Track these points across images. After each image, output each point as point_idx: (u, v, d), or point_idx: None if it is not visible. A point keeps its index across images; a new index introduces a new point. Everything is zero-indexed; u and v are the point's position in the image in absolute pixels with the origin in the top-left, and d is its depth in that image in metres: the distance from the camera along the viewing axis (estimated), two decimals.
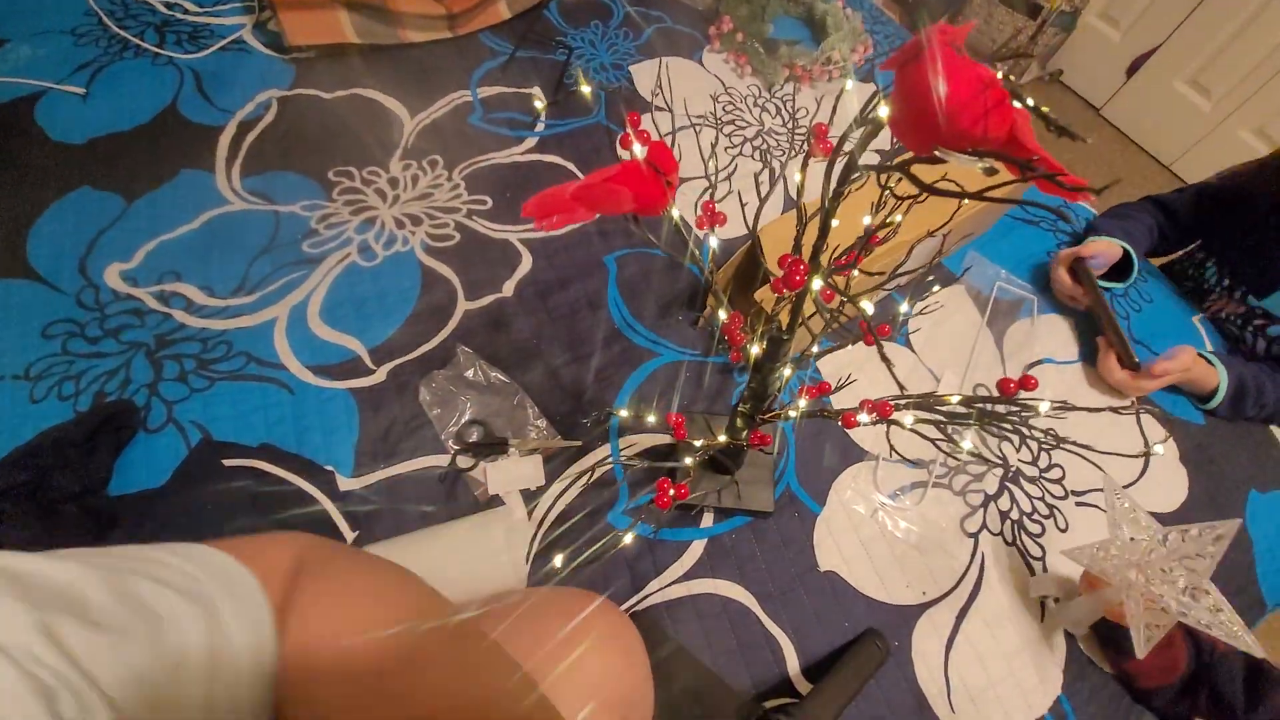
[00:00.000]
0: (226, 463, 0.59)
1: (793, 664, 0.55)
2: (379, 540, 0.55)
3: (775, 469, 0.65)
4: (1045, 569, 0.62)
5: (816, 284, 0.36)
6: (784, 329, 0.40)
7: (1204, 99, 1.80)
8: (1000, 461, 0.68)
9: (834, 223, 0.34)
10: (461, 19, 0.96)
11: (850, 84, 0.39)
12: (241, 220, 0.74)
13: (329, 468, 0.60)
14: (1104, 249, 0.79)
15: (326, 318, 0.68)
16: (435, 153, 0.83)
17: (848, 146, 0.31)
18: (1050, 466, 0.69)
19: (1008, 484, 0.67)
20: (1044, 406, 0.34)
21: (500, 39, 0.98)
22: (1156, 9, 1.82)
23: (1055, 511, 0.66)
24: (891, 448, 0.43)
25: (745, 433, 0.51)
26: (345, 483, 0.59)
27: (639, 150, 0.38)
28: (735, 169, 0.89)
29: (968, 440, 0.37)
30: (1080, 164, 0.91)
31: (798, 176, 0.38)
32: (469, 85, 0.92)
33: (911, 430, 0.38)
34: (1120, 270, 0.82)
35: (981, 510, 0.65)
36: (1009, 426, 0.37)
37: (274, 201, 0.76)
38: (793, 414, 0.46)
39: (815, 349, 0.49)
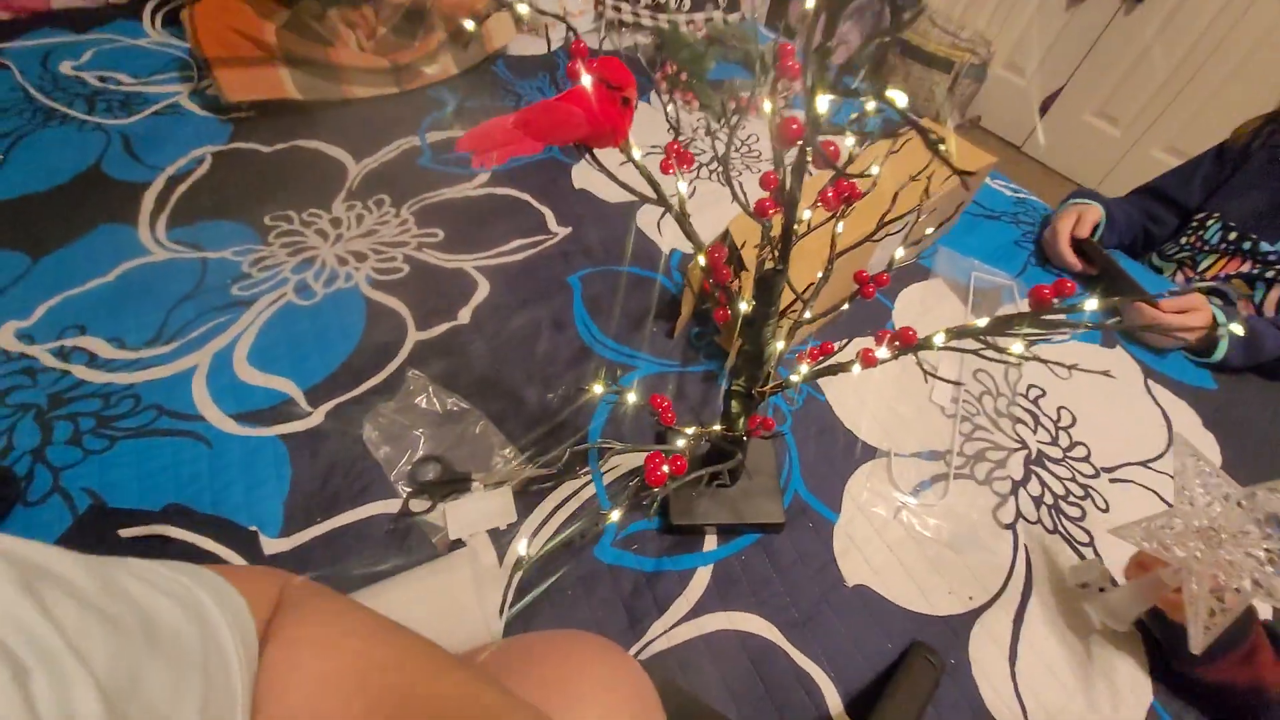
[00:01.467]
0: (124, 533, 0.48)
1: (834, 702, 0.45)
2: None
3: (780, 475, 0.56)
4: (1097, 555, 0.54)
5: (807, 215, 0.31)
6: (775, 263, 0.34)
7: (1113, 127, 1.93)
8: (1020, 444, 0.61)
9: (809, 170, 0.29)
10: (408, 74, 0.95)
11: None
12: (163, 269, 0.67)
13: (251, 528, 0.49)
14: (1092, 218, 0.80)
15: (256, 360, 0.60)
16: (382, 192, 0.79)
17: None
18: (1073, 445, 0.62)
19: (1033, 467, 0.60)
20: (1090, 304, 0.28)
21: (447, 93, 0.98)
22: (1055, 55, 1.99)
23: (1091, 491, 0.59)
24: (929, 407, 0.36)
25: (743, 419, 0.43)
26: (271, 544, 0.49)
27: (588, 80, 0.33)
28: (694, 191, 0.87)
29: (1018, 344, 0.30)
30: (1028, 189, 0.95)
31: (768, 105, 0.33)
32: (418, 132, 0.89)
33: (943, 350, 0.31)
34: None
35: (1012, 498, 0.57)
36: (1047, 332, 0.30)
37: (202, 249, 0.69)
38: (795, 379, 0.39)
39: (807, 317, 0.43)
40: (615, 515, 0.31)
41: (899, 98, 0.22)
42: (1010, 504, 0.57)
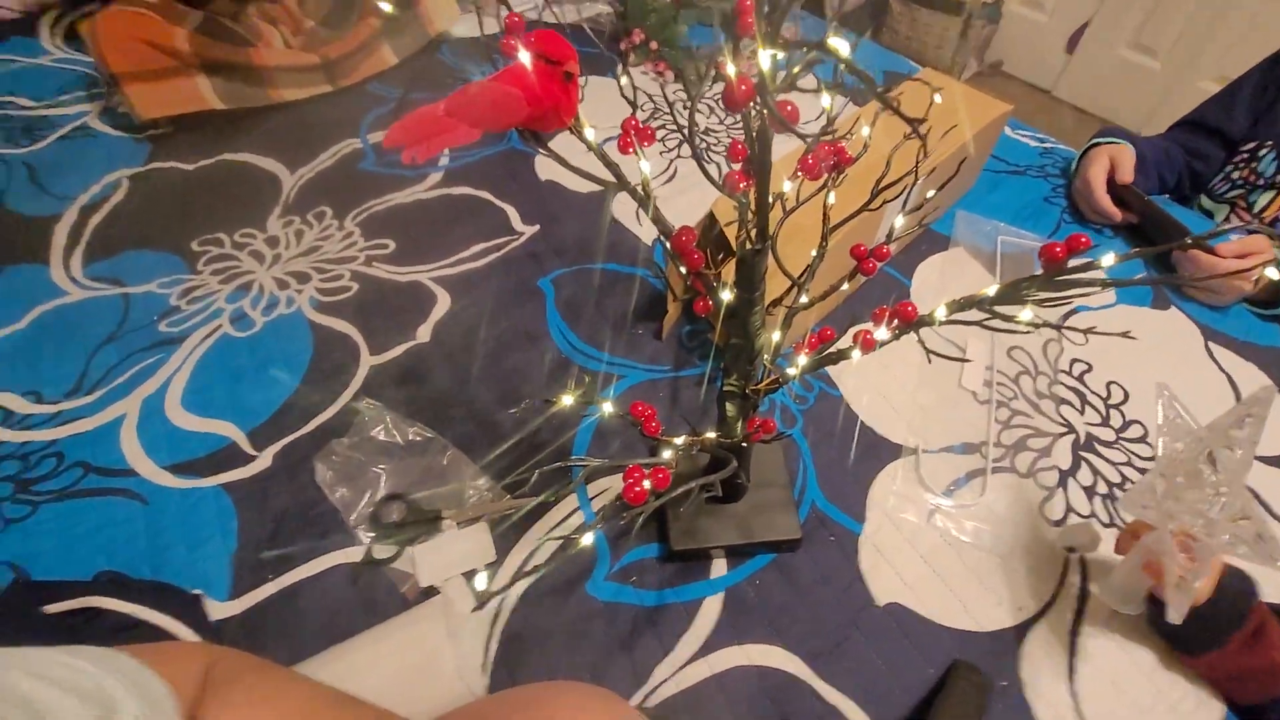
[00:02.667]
0: (49, 609, 0.48)
1: None
2: None
3: (794, 484, 0.57)
4: None
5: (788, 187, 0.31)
6: (753, 242, 0.35)
7: (1151, 59, 1.94)
8: (1066, 427, 0.61)
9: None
10: (341, 69, 0.97)
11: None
12: (81, 310, 0.68)
13: (195, 591, 0.50)
14: (1129, 160, 0.80)
15: (191, 403, 0.60)
16: (323, 204, 0.80)
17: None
18: (1127, 424, 0.62)
19: (1082, 453, 0.60)
20: (1107, 258, 0.29)
21: (389, 86, 0.99)
22: None
23: None
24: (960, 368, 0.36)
25: (740, 423, 0.44)
26: (219, 608, 0.49)
27: (525, 56, 0.34)
28: (675, 172, 0.88)
29: (1026, 311, 0.31)
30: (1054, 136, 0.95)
31: (730, 69, 0.34)
32: (358, 133, 0.90)
33: (947, 323, 0.32)
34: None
35: (1060, 490, 0.57)
36: (1063, 299, 0.31)
37: (124, 284, 0.70)
38: (793, 372, 0.39)
39: (804, 301, 0.44)
40: (586, 540, 0.31)
41: (841, 46, 0.22)
42: (1059, 497, 0.57)
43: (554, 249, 0.76)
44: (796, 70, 0.30)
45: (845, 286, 0.45)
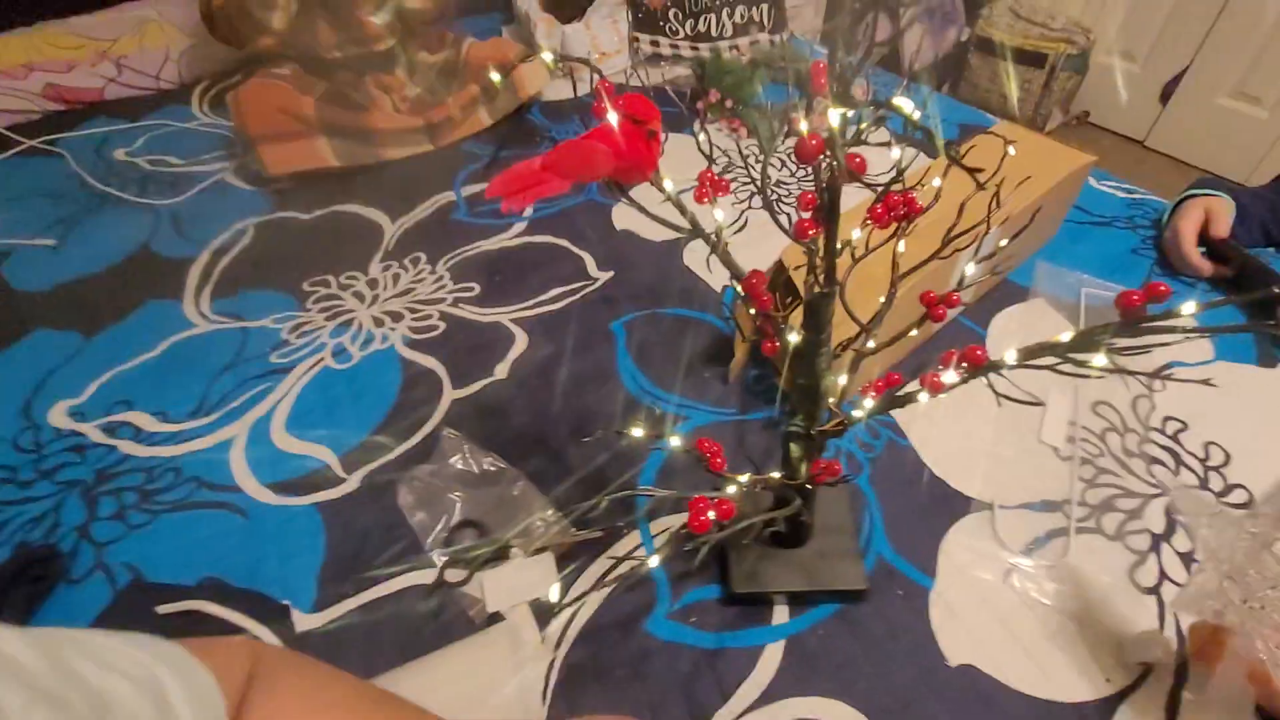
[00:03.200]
0: (161, 609, 0.53)
1: None
2: None
3: (859, 534, 0.56)
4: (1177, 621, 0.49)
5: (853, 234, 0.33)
6: (822, 284, 0.36)
7: (1257, 108, 1.84)
8: (1159, 489, 0.58)
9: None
10: (442, 130, 1.06)
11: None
12: (206, 341, 0.76)
13: (284, 602, 0.53)
14: (1225, 212, 0.76)
15: (293, 428, 0.66)
16: (418, 250, 0.87)
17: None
18: (1229, 489, 0.58)
19: (1178, 518, 0.56)
20: (1188, 306, 0.28)
21: (482, 145, 1.08)
22: (1171, 32, 1.95)
23: None
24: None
25: (804, 464, 0.44)
26: (304, 620, 0.52)
27: (613, 116, 0.37)
28: (746, 223, 0.91)
29: (1099, 357, 0.30)
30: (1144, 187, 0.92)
31: (804, 126, 0.36)
32: (453, 187, 0.98)
33: (1018, 368, 0.32)
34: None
35: (1153, 555, 0.53)
36: (1141, 350, 0.30)
37: (243, 319, 0.78)
38: (859, 414, 0.39)
39: (870, 346, 0.44)
40: (654, 561, 0.32)
41: (905, 104, 0.24)
42: (1151, 563, 0.53)
43: (627, 294, 0.79)
44: (864, 125, 0.32)
45: (915, 333, 0.45)
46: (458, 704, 0.45)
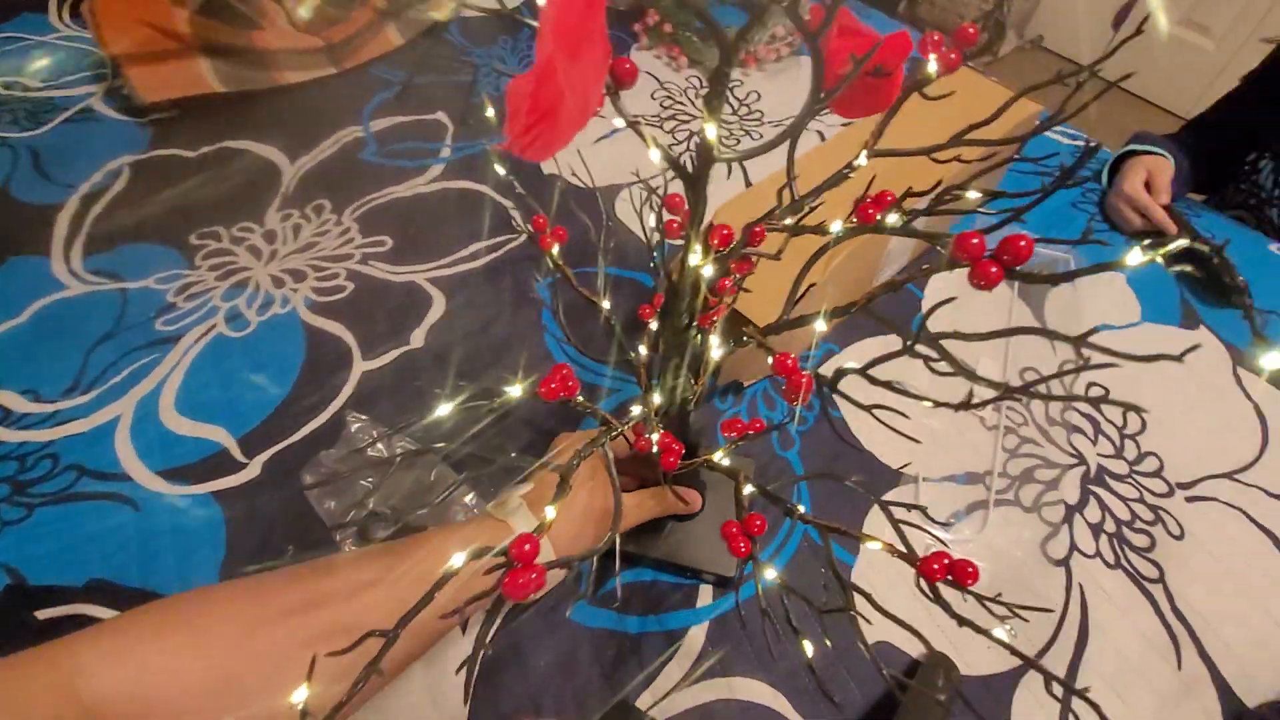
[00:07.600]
0: (41, 614, 0.49)
1: None
2: None
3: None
4: (1167, 592, 0.52)
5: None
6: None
7: (1205, 38, 1.83)
8: (1076, 458, 0.59)
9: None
10: (346, 51, 0.94)
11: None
12: (80, 305, 0.68)
13: None
14: (1166, 175, 0.75)
15: (184, 407, 0.60)
16: (322, 196, 0.79)
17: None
18: (1142, 456, 0.60)
19: (1091, 488, 0.58)
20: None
21: (394, 69, 0.97)
22: None
23: (1162, 514, 0.56)
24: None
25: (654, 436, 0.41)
26: None
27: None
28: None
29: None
30: (1087, 128, 0.90)
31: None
32: (361, 120, 0.89)
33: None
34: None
35: (1065, 527, 0.55)
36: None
37: (123, 279, 0.70)
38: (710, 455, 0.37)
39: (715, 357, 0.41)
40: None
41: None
42: (1063, 534, 0.55)
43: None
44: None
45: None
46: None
